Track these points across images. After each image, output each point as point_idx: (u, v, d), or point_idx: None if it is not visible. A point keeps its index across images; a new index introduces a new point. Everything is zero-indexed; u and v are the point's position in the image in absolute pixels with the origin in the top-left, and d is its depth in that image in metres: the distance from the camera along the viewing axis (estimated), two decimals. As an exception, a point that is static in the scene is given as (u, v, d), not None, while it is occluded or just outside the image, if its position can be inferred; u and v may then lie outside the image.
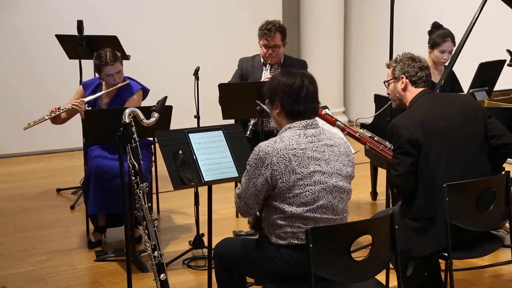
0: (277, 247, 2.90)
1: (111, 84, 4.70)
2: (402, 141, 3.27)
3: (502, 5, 4.87)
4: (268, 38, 4.79)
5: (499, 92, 4.95)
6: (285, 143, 2.86)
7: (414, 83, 3.45)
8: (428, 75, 3.48)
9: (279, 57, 4.92)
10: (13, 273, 4.29)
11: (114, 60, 4.62)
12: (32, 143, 7.49)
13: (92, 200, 4.53)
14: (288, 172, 2.83)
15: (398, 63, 3.50)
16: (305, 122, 2.93)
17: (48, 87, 7.42)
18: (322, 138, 2.94)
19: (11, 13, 7.36)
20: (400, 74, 3.47)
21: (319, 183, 2.87)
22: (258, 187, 2.88)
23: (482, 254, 3.49)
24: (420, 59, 3.50)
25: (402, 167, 3.27)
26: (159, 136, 3.34)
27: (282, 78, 2.96)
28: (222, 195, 5.66)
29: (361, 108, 8.81)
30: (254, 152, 2.90)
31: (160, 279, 3.28)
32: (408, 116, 3.36)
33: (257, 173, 2.86)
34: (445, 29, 4.96)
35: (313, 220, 2.86)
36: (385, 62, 3.72)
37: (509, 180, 3.34)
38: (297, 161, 2.84)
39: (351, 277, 2.77)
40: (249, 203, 2.95)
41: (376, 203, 5.61)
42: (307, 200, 2.85)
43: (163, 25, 8.04)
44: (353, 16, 9.01)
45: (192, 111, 4.52)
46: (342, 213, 2.96)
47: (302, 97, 2.92)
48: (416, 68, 3.45)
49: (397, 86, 3.49)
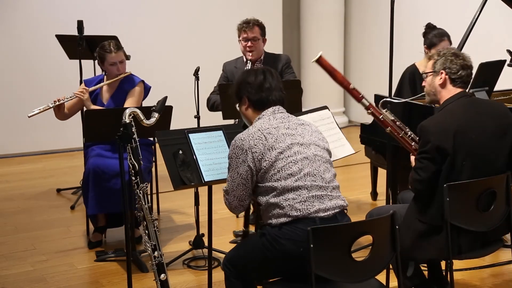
0: (278, 227, 2.91)
1: (114, 74, 4.75)
2: (430, 147, 3.16)
3: (502, 5, 4.87)
4: (246, 29, 4.91)
5: (499, 92, 4.94)
6: (258, 127, 2.98)
7: (453, 81, 3.32)
8: (469, 75, 3.34)
9: (259, 52, 4.98)
10: (13, 273, 4.29)
11: (118, 49, 4.72)
12: (32, 143, 7.50)
13: (92, 200, 4.53)
14: (267, 150, 2.91)
15: (441, 56, 3.36)
16: (272, 109, 3.07)
17: (48, 87, 7.42)
18: (292, 119, 3.08)
19: (11, 13, 7.36)
20: (441, 69, 3.33)
21: (299, 153, 2.95)
22: (243, 175, 2.94)
23: (483, 254, 3.48)
24: (464, 57, 3.35)
25: (425, 172, 3.19)
26: (159, 136, 3.34)
27: (245, 76, 3.14)
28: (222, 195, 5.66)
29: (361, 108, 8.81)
30: (231, 145, 3.00)
31: (160, 279, 3.28)
32: (440, 121, 3.22)
33: (238, 161, 2.93)
34: (440, 29, 4.95)
35: (305, 188, 2.90)
36: (385, 62, 3.68)
37: (510, 180, 3.33)
38: (273, 138, 2.94)
39: (351, 277, 2.77)
40: (239, 195, 2.99)
41: (376, 203, 5.60)
42: (293, 170, 2.91)
43: (163, 25, 8.04)
44: (353, 16, 9.02)
45: (192, 111, 4.52)
46: (331, 181, 3.00)
47: (266, 88, 3.07)
48: (458, 65, 3.31)
49: (435, 81, 3.36)
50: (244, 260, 3.03)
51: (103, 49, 4.71)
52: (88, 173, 4.55)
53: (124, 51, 4.82)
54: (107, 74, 4.83)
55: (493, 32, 6.68)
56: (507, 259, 4.27)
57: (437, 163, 3.18)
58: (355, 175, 6.36)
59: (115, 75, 4.75)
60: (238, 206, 3.04)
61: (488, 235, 3.34)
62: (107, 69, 4.78)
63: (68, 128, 6.89)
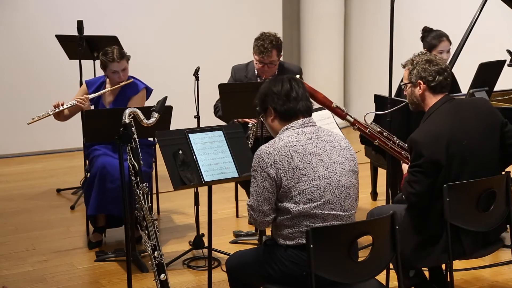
0: (284, 248, 2.88)
1: (115, 81, 4.73)
2: (423, 161, 3.13)
3: (502, 5, 4.87)
4: (264, 56, 4.66)
5: (499, 92, 4.95)
6: (285, 142, 2.86)
7: (433, 89, 3.28)
8: (447, 78, 3.30)
9: (273, 72, 4.79)
10: (13, 273, 4.29)
11: (121, 57, 4.67)
12: (32, 143, 7.50)
13: (93, 200, 4.52)
14: (291, 169, 2.81)
15: (414, 66, 3.32)
16: (301, 121, 2.93)
17: (48, 87, 7.42)
18: (321, 135, 2.93)
19: (11, 13, 7.36)
20: (417, 79, 3.29)
21: (324, 177, 2.84)
22: (269, 189, 2.84)
23: (482, 254, 3.48)
24: (438, 61, 3.30)
25: (420, 186, 3.17)
26: (159, 136, 3.33)
27: (270, 86, 2.99)
28: (222, 195, 5.66)
29: (361, 108, 8.81)
30: (256, 156, 2.88)
31: (160, 279, 3.28)
32: (430, 133, 3.19)
33: (264, 175, 2.83)
34: (437, 30, 4.95)
35: (321, 218, 2.83)
36: (385, 62, 3.67)
37: (509, 181, 3.33)
38: (299, 157, 2.83)
39: (351, 278, 2.76)
40: (264, 210, 2.88)
41: (376, 203, 5.60)
42: (313, 196, 2.82)
43: (163, 25, 8.04)
44: (353, 16, 9.02)
45: (192, 111, 4.52)
46: (350, 210, 2.91)
47: (292, 97, 2.94)
48: (434, 72, 3.26)
49: (415, 91, 3.33)
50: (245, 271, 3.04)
51: (105, 56, 4.67)
52: (95, 172, 4.53)
53: (128, 58, 4.76)
54: (109, 80, 4.81)
55: (493, 32, 6.67)
56: (507, 259, 4.27)
57: (430, 176, 3.16)
58: (355, 175, 6.35)
59: (116, 83, 4.73)
60: (263, 221, 2.93)
61: (489, 235, 3.34)
62: (109, 76, 4.76)
63: (68, 129, 6.87)
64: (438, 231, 3.21)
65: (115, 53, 4.65)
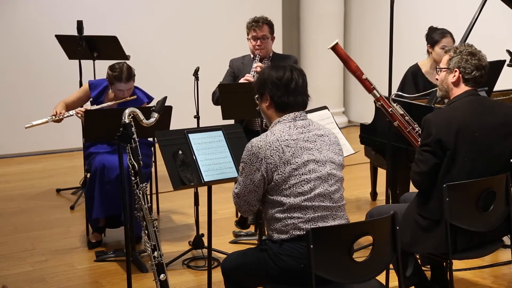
0: (279, 243, 2.89)
1: (118, 97, 4.68)
2: (431, 140, 3.17)
3: (502, 5, 4.87)
4: (256, 28, 4.91)
5: (499, 92, 4.95)
6: (277, 136, 2.88)
7: (466, 81, 3.29)
8: (482, 76, 3.31)
9: (268, 49, 5.00)
10: (13, 273, 4.29)
11: (129, 79, 4.58)
12: (32, 143, 7.50)
13: (98, 203, 4.52)
14: (282, 164, 2.84)
15: (457, 54, 3.32)
16: (293, 115, 2.95)
17: (48, 87, 7.42)
18: (312, 128, 2.96)
19: (11, 14, 7.36)
20: (455, 67, 3.30)
21: (314, 171, 2.87)
22: (256, 183, 2.88)
23: (482, 254, 3.48)
24: (480, 57, 3.31)
25: (425, 165, 3.21)
26: (159, 136, 3.33)
27: (271, 71, 2.97)
28: (222, 195, 5.66)
29: (361, 108, 8.82)
30: (246, 148, 2.91)
31: (160, 279, 3.28)
32: (445, 116, 3.23)
33: (252, 169, 2.87)
34: (443, 28, 4.98)
35: (312, 209, 2.86)
36: (384, 62, 3.67)
37: (509, 181, 3.34)
38: (291, 152, 2.85)
39: (352, 278, 2.76)
40: (250, 200, 2.94)
41: (376, 203, 5.60)
42: (304, 189, 2.85)
43: (163, 25, 8.04)
44: (353, 16, 9.02)
45: (192, 112, 4.52)
46: (339, 201, 2.95)
47: (291, 89, 2.94)
48: (473, 65, 3.27)
49: (448, 78, 3.34)
50: (242, 271, 3.03)
51: (113, 73, 4.57)
52: (95, 173, 4.53)
53: (134, 77, 4.64)
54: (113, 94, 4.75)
55: (493, 32, 6.67)
56: (506, 259, 4.27)
57: (437, 157, 3.19)
58: (355, 175, 6.35)
59: (120, 98, 4.68)
60: (248, 210, 3.00)
61: (486, 234, 3.34)
62: (113, 92, 4.69)
63: (68, 128, 6.89)
64: (439, 216, 3.21)
65: (124, 74, 4.54)
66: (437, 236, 3.23)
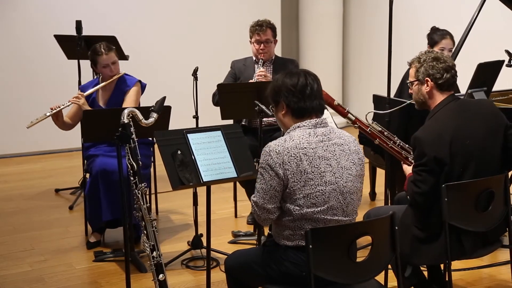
0: (284, 249, 2.88)
1: (108, 76, 4.76)
2: (427, 160, 3.13)
3: (501, 5, 4.87)
4: (260, 32, 4.94)
5: (497, 93, 4.95)
6: (296, 142, 2.82)
7: (440, 87, 3.28)
8: (454, 75, 3.29)
9: (270, 53, 5.03)
10: (11, 273, 4.29)
11: (108, 50, 4.73)
12: (31, 143, 7.49)
13: (105, 206, 4.50)
14: (299, 172, 2.79)
15: (421, 64, 3.30)
16: (314, 121, 2.90)
17: (47, 87, 7.43)
18: (332, 137, 2.90)
19: (10, 14, 7.36)
20: (425, 77, 3.28)
21: (330, 183, 2.82)
22: (276, 188, 2.82)
23: (482, 255, 3.48)
24: (445, 59, 3.29)
25: (425, 185, 3.16)
26: (158, 137, 3.33)
27: (285, 79, 2.92)
28: (221, 196, 5.66)
29: (360, 109, 8.81)
30: (264, 153, 2.84)
31: (159, 279, 3.28)
32: (433, 131, 3.19)
33: (272, 174, 2.80)
34: (444, 29, 4.99)
35: (323, 222, 2.82)
36: (383, 62, 3.66)
37: (508, 181, 3.34)
38: (308, 161, 2.80)
39: (351, 278, 2.76)
40: (269, 208, 2.86)
41: (375, 203, 5.60)
42: (318, 201, 2.80)
43: (162, 25, 8.04)
44: (352, 17, 9.02)
45: (191, 112, 4.52)
46: (351, 215, 2.91)
47: (307, 94, 2.89)
48: (442, 69, 3.25)
49: (422, 89, 3.31)
50: (244, 270, 3.03)
51: (94, 52, 4.74)
52: (96, 175, 4.52)
53: (116, 52, 4.82)
54: (102, 77, 4.84)
55: (492, 32, 6.68)
56: (505, 259, 4.27)
57: (435, 174, 3.15)
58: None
59: (109, 77, 4.76)
60: (267, 219, 2.90)
61: (488, 235, 3.34)
62: (100, 72, 4.80)
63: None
64: (439, 229, 3.20)
65: (103, 46, 4.72)
66: (438, 248, 3.22)
